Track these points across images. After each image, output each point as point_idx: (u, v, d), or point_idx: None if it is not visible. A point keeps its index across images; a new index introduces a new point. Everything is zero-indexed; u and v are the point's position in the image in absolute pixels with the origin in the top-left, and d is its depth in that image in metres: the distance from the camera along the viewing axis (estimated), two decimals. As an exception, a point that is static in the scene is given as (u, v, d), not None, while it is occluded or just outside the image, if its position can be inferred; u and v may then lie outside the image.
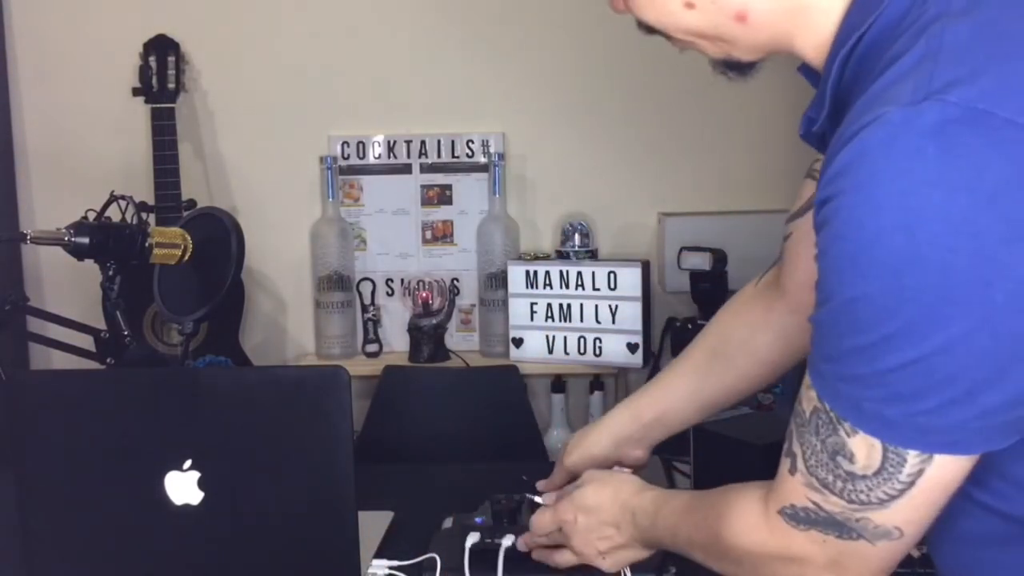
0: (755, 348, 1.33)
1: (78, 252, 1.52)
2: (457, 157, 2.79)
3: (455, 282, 2.81)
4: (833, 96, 0.86)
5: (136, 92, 2.68)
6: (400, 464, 2.23)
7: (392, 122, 2.80)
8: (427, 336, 2.71)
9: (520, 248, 2.76)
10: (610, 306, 2.60)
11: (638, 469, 1.40)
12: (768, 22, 0.89)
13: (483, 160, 2.78)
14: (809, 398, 0.86)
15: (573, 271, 2.62)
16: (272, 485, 1.24)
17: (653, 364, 2.63)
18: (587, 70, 2.78)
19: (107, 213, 1.73)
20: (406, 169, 2.80)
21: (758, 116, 2.74)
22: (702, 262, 2.48)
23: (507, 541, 1.32)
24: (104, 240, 1.52)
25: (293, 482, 1.24)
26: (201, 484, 1.24)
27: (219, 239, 1.61)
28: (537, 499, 1.36)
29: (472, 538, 1.33)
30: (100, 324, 1.89)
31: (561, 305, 2.64)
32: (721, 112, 2.76)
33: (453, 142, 2.79)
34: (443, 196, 2.81)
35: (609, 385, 2.76)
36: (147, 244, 1.57)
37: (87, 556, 1.28)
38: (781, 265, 1.30)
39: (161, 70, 2.67)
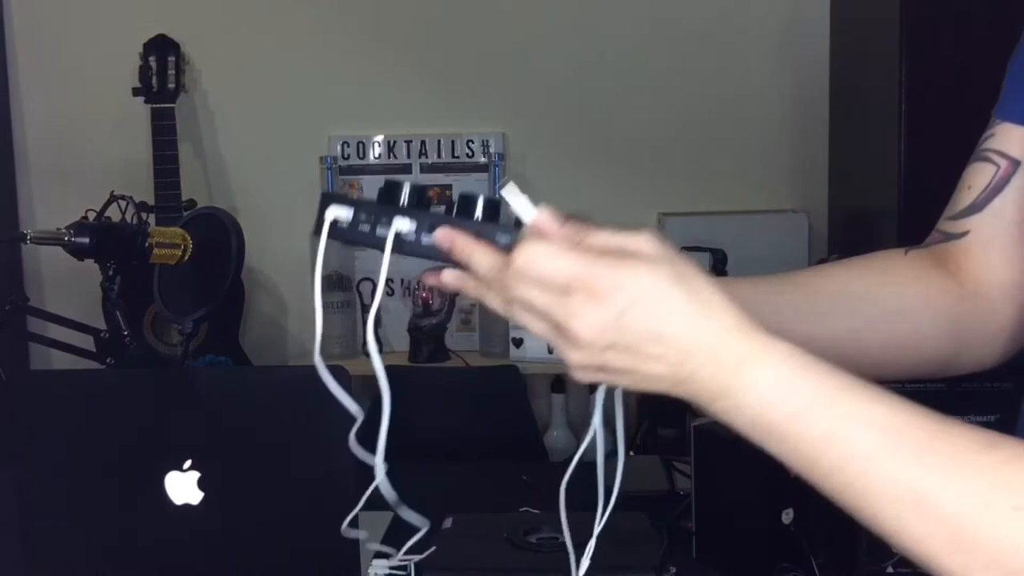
0: (918, 321, 0.98)
1: (78, 252, 1.52)
2: (457, 157, 2.79)
3: (455, 282, 2.81)
4: None
5: (136, 92, 2.68)
6: (400, 464, 2.23)
7: (392, 122, 2.80)
8: (427, 336, 2.70)
9: (520, 248, 2.76)
10: (610, 306, 2.59)
11: None
12: None
13: (483, 160, 2.78)
14: None
15: (573, 271, 2.62)
16: (272, 485, 1.24)
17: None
18: (587, 70, 2.78)
19: (107, 213, 1.73)
20: (406, 169, 2.80)
21: (758, 116, 2.73)
22: (702, 262, 2.48)
23: (401, 225, 0.79)
24: (104, 240, 1.52)
25: (293, 482, 1.24)
26: (201, 484, 1.23)
27: (219, 239, 1.61)
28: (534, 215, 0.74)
29: (337, 211, 0.79)
30: (100, 324, 1.89)
31: (561, 305, 2.64)
32: (721, 112, 2.75)
33: (453, 142, 2.78)
34: (443, 196, 2.81)
35: (609, 385, 2.76)
36: (147, 244, 1.56)
37: (87, 555, 1.28)
38: (963, 264, 1.00)
39: (161, 70, 2.66)
